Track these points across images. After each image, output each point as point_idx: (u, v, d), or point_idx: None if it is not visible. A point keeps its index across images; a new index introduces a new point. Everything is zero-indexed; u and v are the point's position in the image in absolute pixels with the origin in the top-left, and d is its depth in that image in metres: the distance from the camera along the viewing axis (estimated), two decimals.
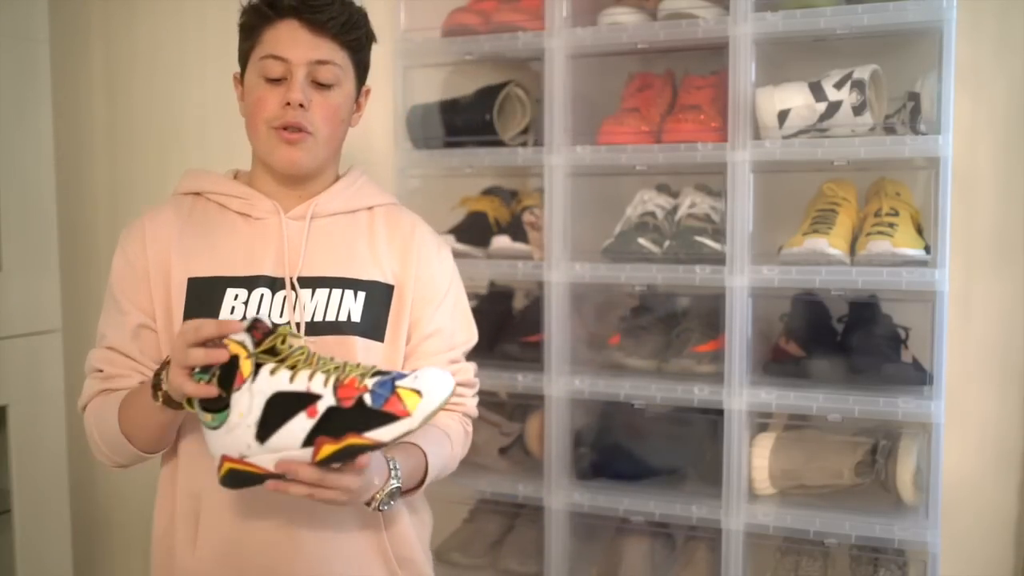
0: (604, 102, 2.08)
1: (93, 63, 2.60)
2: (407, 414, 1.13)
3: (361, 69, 1.45)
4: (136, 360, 1.39)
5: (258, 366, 1.16)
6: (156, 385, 1.25)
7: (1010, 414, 1.98)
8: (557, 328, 2.02)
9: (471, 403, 1.52)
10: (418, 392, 1.14)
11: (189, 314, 1.36)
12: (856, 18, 1.77)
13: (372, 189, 1.52)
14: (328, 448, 1.14)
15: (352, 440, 1.14)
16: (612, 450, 2.05)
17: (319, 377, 1.15)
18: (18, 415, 2.12)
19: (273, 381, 1.15)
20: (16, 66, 2.11)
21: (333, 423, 1.14)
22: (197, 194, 1.46)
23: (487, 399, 2.09)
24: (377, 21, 2.26)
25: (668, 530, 2.05)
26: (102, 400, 1.38)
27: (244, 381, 1.15)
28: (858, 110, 1.80)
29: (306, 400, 1.14)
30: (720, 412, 1.89)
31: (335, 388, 1.15)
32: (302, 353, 1.18)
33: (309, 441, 1.15)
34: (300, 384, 1.15)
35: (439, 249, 1.51)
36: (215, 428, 1.18)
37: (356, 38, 1.42)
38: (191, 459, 1.38)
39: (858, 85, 1.80)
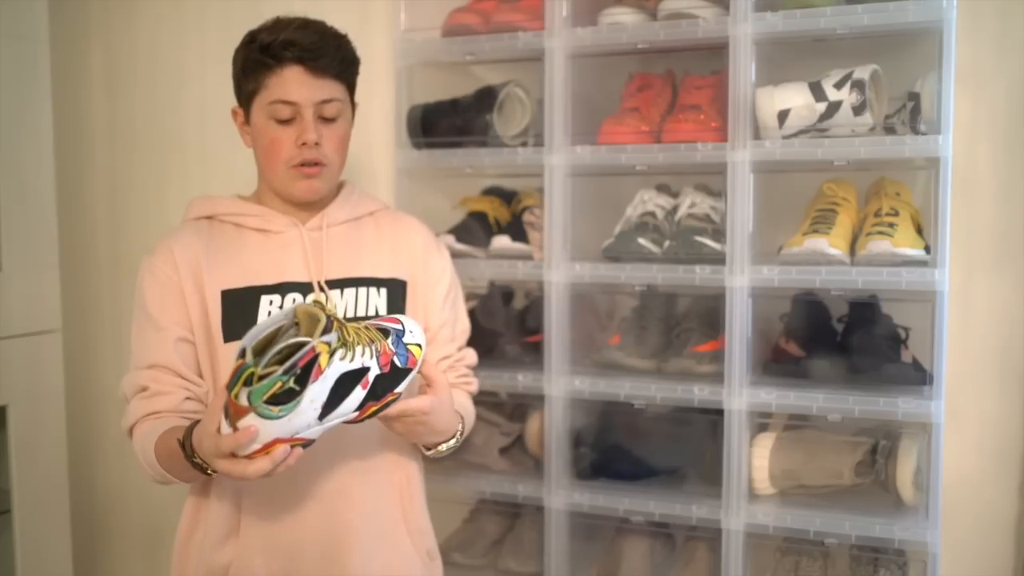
0: (604, 102, 2.08)
1: (93, 63, 2.60)
2: (416, 364, 1.39)
3: (352, 92, 1.59)
4: (180, 374, 1.48)
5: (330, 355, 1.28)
6: (196, 464, 1.33)
7: (1010, 414, 1.98)
8: (557, 328, 2.02)
9: (475, 383, 1.73)
10: (419, 346, 1.41)
11: (228, 323, 1.48)
12: (856, 18, 1.77)
13: (367, 197, 1.68)
14: (372, 408, 1.35)
15: (389, 398, 1.37)
16: (612, 450, 2.05)
17: (367, 351, 1.32)
18: (18, 415, 2.12)
19: (340, 365, 1.27)
20: (16, 66, 2.11)
21: (377, 388, 1.34)
22: (210, 217, 1.57)
23: (487, 399, 2.09)
24: (377, 21, 2.30)
25: (668, 530, 2.04)
26: (148, 427, 1.46)
27: (322, 373, 1.25)
28: (858, 110, 1.80)
29: (360, 374, 1.31)
30: (720, 412, 1.89)
31: (378, 358, 1.34)
32: (349, 328, 1.31)
33: (359, 407, 1.33)
34: (357, 362, 1.30)
35: (438, 246, 1.70)
36: (278, 418, 1.24)
37: (353, 72, 1.57)
38: None
39: (858, 85, 1.80)
